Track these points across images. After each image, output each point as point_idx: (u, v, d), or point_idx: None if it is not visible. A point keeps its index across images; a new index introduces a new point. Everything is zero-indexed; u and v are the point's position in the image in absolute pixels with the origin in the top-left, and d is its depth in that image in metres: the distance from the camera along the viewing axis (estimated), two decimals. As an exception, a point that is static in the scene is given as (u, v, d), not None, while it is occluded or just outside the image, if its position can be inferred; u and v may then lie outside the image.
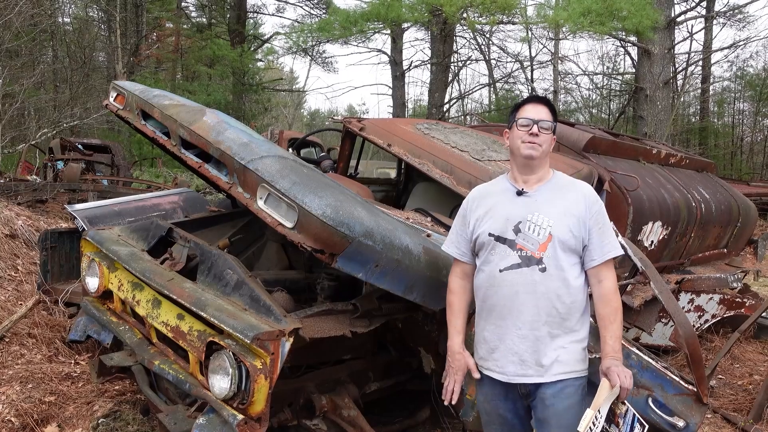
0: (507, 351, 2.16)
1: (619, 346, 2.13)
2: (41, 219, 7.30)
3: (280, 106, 33.07)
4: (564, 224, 2.13)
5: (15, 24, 11.63)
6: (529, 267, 2.12)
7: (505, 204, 2.22)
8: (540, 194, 2.20)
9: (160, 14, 24.61)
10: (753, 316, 4.66)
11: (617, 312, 2.14)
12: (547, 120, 2.19)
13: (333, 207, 2.19)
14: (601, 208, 2.21)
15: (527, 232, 2.14)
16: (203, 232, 3.61)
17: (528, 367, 2.14)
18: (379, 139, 4.22)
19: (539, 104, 2.23)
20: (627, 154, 5.13)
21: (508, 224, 2.17)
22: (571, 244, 2.13)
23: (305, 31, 18.58)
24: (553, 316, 2.12)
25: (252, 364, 2.22)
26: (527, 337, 2.13)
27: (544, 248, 2.11)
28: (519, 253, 2.14)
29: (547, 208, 2.16)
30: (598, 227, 2.16)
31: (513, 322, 2.14)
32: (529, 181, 2.23)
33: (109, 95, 3.48)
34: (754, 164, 24.77)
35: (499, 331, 2.18)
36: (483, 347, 2.24)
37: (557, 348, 2.13)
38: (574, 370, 2.15)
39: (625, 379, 2.08)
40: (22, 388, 3.61)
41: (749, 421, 3.93)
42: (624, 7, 13.27)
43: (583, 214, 2.15)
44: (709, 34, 22.03)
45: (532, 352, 2.13)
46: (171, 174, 16.19)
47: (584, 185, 2.27)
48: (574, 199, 2.18)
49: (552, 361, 2.12)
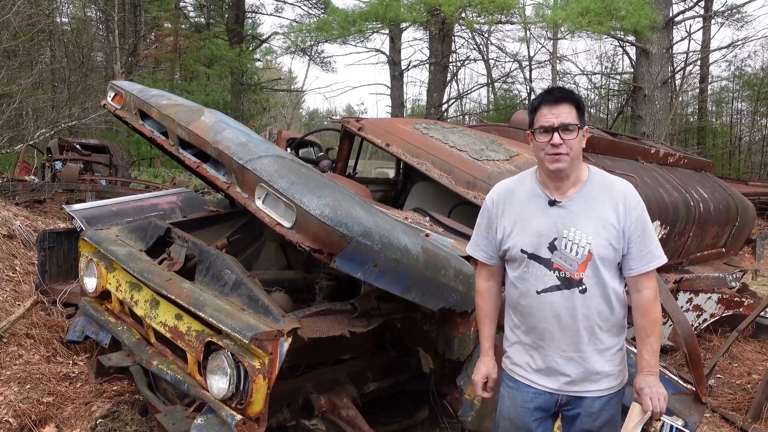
0: (551, 371, 2.06)
1: (655, 361, 2.01)
2: (39, 219, 7.30)
3: (279, 106, 33.03)
4: (603, 239, 1.96)
5: (13, 24, 11.59)
6: (569, 289, 1.99)
7: (537, 215, 2.03)
8: (575, 204, 2.00)
9: (159, 14, 24.61)
10: (751, 316, 4.67)
11: (655, 324, 2.01)
12: (570, 123, 1.94)
13: (331, 207, 2.18)
14: (643, 213, 2.01)
15: (564, 251, 1.98)
16: (201, 232, 3.61)
17: (575, 385, 2.05)
18: (378, 138, 4.22)
19: (558, 104, 1.97)
20: (625, 153, 5.13)
21: (542, 240, 2.01)
22: (612, 257, 1.99)
23: (303, 31, 18.61)
24: (596, 334, 2.01)
25: (250, 364, 2.21)
26: (573, 359, 2.03)
27: (584, 268, 1.97)
28: (557, 273, 2.00)
29: (584, 222, 1.98)
30: (638, 234, 1.98)
31: (557, 345, 2.04)
32: (562, 188, 2.02)
33: (107, 95, 3.47)
34: (752, 164, 24.81)
35: (542, 352, 2.07)
36: (520, 358, 2.14)
37: (605, 362, 2.04)
38: (620, 383, 2.09)
39: (659, 402, 1.96)
40: (20, 388, 3.60)
41: (748, 420, 3.93)
42: (622, 6, 13.29)
43: (622, 221, 1.97)
44: (708, 33, 22.08)
45: (579, 370, 2.04)
46: (169, 174, 16.20)
47: (624, 186, 2.04)
48: (613, 205, 1.98)
49: (601, 376, 2.04)
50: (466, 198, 3.62)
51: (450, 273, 2.59)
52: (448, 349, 2.90)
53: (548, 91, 2.03)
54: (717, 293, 5.28)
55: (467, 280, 2.67)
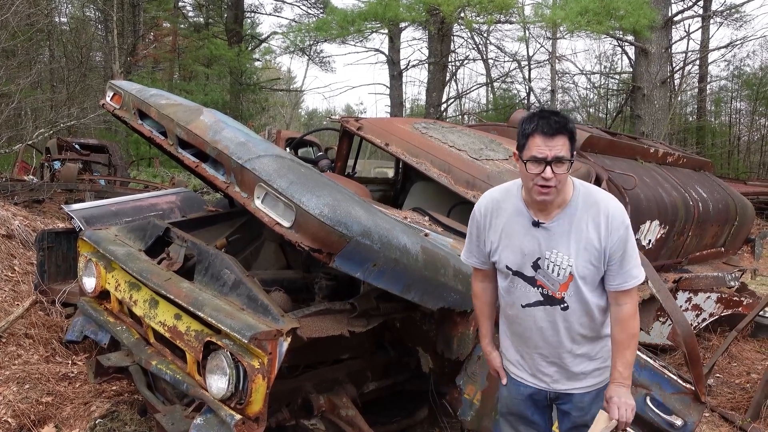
0: (535, 370, 2.19)
1: (628, 374, 2.04)
2: (38, 219, 7.30)
3: (278, 105, 33.02)
4: (584, 260, 2.00)
5: (11, 24, 11.59)
6: (552, 306, 2.08)
7: (521, 234, 2.07)
8: (558, 225, 2.02)
9: (157, 14, 24.57)
10: (750, 315, 4.67)
11: (633, 338, 2.05)
12: (564, 157, 1.90)
13: (330, 206, 2.18)
14: (626, 233, 2.00)
15: (546, 271, 2.04)
16: (201, 231, 3.60)
17: (557, 382, 2.17)
18: (377, 138, 4.22)
19: (554, 136, 1.89)
20: (624, 153, 5.13)
21: (526, 260, 2.07)
22: (593, 276, 2.03)
23: (303, 31, 18.58)
24: (578, 341, 2.11)
25: (249, 363, 2.21)
26: (555, 363, 2.15)
27: (565, 288, 2.04)
28: (540, 290, 2.08)
29: (566, 244, 2.01)
30: (620, 253, 2.00)
31: (540, 352, 2.15)
32: (545, 210, 2.03)
33: (106, 95, 3.46)
34: (751, 163, 24.83)
35: (525, 355, 2.20)
36: (512, 356, 2.26)
37: (589, 360, 2.14)
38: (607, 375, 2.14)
39: (625, 412, 2.01)
40: (19, 388, 3.59)
41: (747, 419, 3.93)
42: (621, 6, 13.28)
43: (604, 242, 1.99)
44: (706, 33, 22.07)
45: (562, 372, 2.15)
46: (168, 174, 16.18)
47: (610, 204, 2.02)
48: (595, 226, 1.99)
49: (585, 375, 2.14)
50: (466, 197, 3.62)
51: (449, 272, 2.59)
52: (448, 349, 2.90)
53: (543, 117, 1.92)
54: (716, 293, 5.28)
55: (466, 280, 2.67)
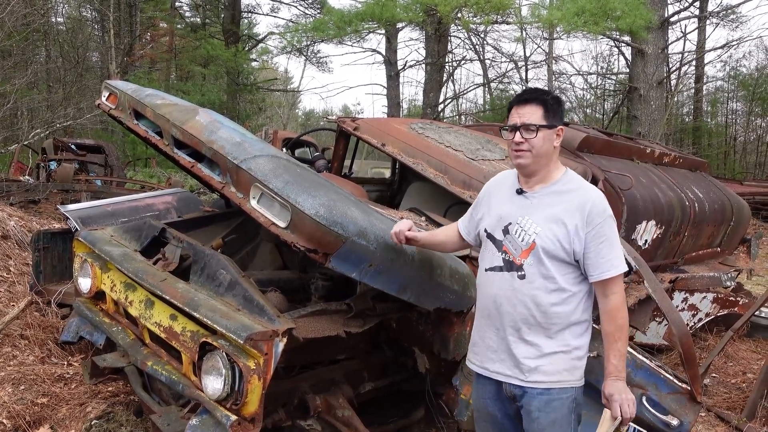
0: (486, 348, 2.17)
1: (622, 366, 2.03)
2: (34, 219, 7.26)
3: (275, 106, 32.99)
4: (551, 233, 2.03)
5: (7, 24, 11.56)
6: (509, 272, 2.09)
7: (504, 201, 2.18)
8: (538, 197, 2.10)
9: (154, 14, 24.51)
10: (746, 315, 4.68)
11: (622, 329, 2.03)
12: (531, 123, 2.03)
13: (326, 206, 2.18)
14: (606, 222, 2.03)
15: (513, 236, 2.10)
16: (197, 232, 3.60)
17: (506, 368, 2.11)
18: (373, 138, 4.22)
19: (525, 104, 2.07)
20: (621, 153, 5.14)
21: (500, 223, 2.14)
22: (560, 254, 2.03)
23: (300, 31, 18.57)
24: (530, 323, 2.06)
25: (245, 364, 2.21)
26: (504, 339, 2.11)
27: (526, 255, 2.05)
28: (503, 255, 2.12)
29: (538, 213, 2.07)
30: (598, 242, 2.01)
31: (491, 322, 2.15)
32: (530, 182, 2.13)
33: (102, 95, 3.45)
34: (747, 164, 24.94)
35: (480, 328, 2.21)
36: (471, 341, 2.27)
37: (538, 356, 2.06)
38: (560, 380, 2.07)
39: (628, 408, 1.99)
40: (14, 389, 3.58)
41: (743, 419, 3.94)
42: (618, 7, 13.31)
43: (578, 224, 2.01)
44: (703, 34, 22.12)
45: (508, 353, 2.10)
46: (165, 174, 16.14)
47: (593, 193, 2.08)
48: (574, 207, 2.03)
49: (532, 369, 2.06)
50: (462, 198, 3.62)
51: (445, 273, 2.59)
52: (444, 349, 2.91)
53: (521, 92, 2.16)
54: (712, 293, 5.29)
55: (463, 280, 2.68)
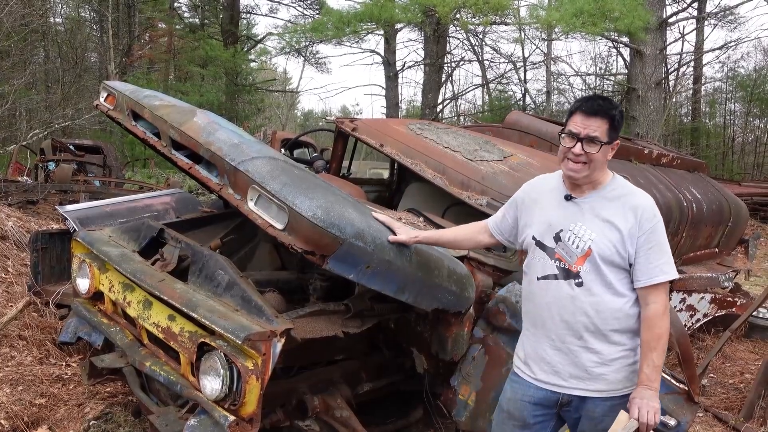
0: (539, 360, 2.12)
1: (656, 376, 1.99)
2: (32, 220, 7.25)
3: (274, 106, 32.96)
4: (606, 239, 2.00)
5: (5, 24, 11.56)
6: (566, 280, 2.05)
7: (552, 207, 2.12)
8: (588, 202, 2.07)
9: (153, 15, 24.51)
10: (744, 315, 4.69)
11: (660, 339, 2.00)
12: (596, 137, 1.98)
13: (324, 208, 2.18)
14: (656, 226, 2.02)
15: (567, 243, 2.05)
16: (195, 232, 3.60)
17: (563, 379, 2.08)
18: (372, 139, 4.22)
19: (593, 117, 2.00)
20: (619, 154, 5.09)
21: (550, 230, 2.09)
22: (616, 260, 2.00)
23: (298, 32, 18.58)
24: (591, 330, 2.03)
25: (243, 365, 2.21)
26: (563, 348, 2.07)
27: (582, 262, 2.02)
28: (557, 263, 2.06)
29: (591, 219, 2.04)
30: (648, 247, 1.99)
31: (546, 332, 2.10)
32: (579, 188, 2.09)
33: (100, 95, 3.45)
34: (745, 164, 24.98)
35: (532, 338, 2.16)
36: (521, 350, 2.23)
37: (601, 364, 2.04)
38: (625, 387, 2.06)
39: (647, 414, 1.94)
40: (12, 390, 3.58)
41: (740, 419, 3.95)
42: (616, 8, 13.33)
43: (631, 229, 2.00)
44: (701, 35, 22.14)
45: (567, 363, 2.07)
46: (163, 175, 16.13)
47: (643, 197, 2.07)
48: (625, 212, 2.02)
49: (596, 376, 2.05)
50: (460, 198, 3.63)
51: (443, 273, 2.59)
52: (442, 350, 2.91)
53: (590, 99, 2.06)
54: (710, 293, 5.30)
55: (461, 281, 2.68)
